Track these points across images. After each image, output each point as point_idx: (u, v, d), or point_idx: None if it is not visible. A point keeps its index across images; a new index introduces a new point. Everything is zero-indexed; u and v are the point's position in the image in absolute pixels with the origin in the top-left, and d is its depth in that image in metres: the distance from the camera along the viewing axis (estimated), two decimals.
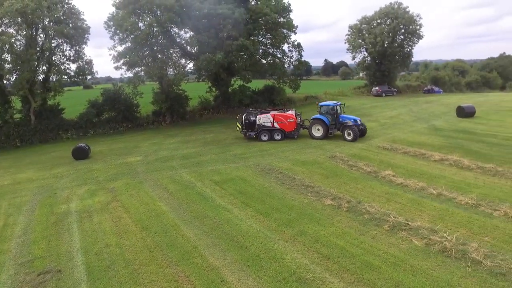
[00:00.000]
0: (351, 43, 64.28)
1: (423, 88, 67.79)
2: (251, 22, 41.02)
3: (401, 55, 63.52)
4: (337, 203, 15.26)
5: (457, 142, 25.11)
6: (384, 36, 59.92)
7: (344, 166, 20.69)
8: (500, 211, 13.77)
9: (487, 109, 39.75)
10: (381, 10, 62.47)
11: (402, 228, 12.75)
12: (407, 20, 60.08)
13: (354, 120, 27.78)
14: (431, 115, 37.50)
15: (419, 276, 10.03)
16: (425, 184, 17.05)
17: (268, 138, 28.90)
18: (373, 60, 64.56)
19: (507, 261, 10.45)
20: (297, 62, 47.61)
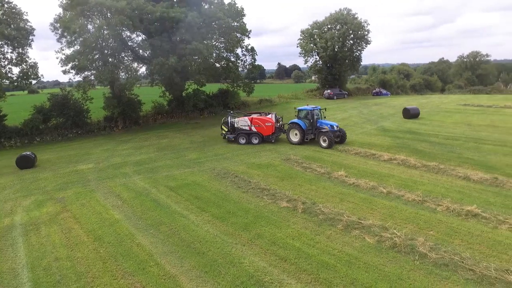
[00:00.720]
0: (303, 47, 65.84)
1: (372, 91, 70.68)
2: (204, 26, 40.87)
3: (351, 59, 65.96)
4: (293, 205, 15.54)
5: (403, 142, 26.44)
6: (334, 40, 61.93)
7: (298, 168, 21.11)
8: (443, 206, 14.68)
9: (430, 110, 42.20)
10: (332, 16, 64.57)
11: (355, 227, 13.22)
12: (356, 25, 62.58)
13: (331, 126, 26.68)
14: (379, 117, 39.18)
15: (372, 272, 10.46)
16: (375, 183, 17.79)
17: (246, 141, 28.49)
18: (324, 64, 66.48)
19: (449, 252, 11.18)
20: (251, 66, 48.11)
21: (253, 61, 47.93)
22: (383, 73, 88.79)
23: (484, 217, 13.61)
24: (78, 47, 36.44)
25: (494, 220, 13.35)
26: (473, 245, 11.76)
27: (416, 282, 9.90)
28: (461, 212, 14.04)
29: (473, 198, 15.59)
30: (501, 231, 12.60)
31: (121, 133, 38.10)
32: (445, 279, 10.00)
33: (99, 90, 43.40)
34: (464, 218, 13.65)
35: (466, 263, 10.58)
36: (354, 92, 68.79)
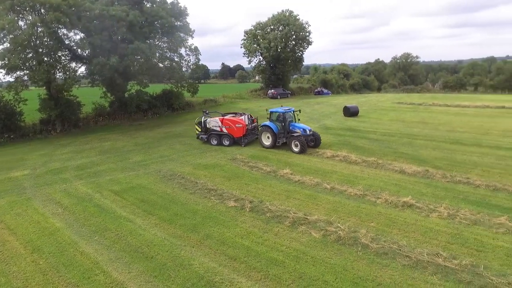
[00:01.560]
0: (247, 47, 66.41)
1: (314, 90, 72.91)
2: (146, 25, 39.84)
3: (293, 59, 67.63)
4: (240, 204, 15.72)
5: (345, 139, 27.66)
6: (277, 41, 63.10)
7: (245, 168, 21.36)
8: (382, 198, 15.64)
9: (368, 108, 44.47)
10: (274, 17, 65.72)
11: (301, 223, 13.68)
12: (298, 27, 64.23)
13: (303, 129, 24.90)
14: (322, 115, 40.60)
15: (319, 266, 10.92)
16: (319, 179, 18.49)
17: (218, 143, 27.40)
18: (268, 64, 67.52)
19: (389, 241, 11.98)
20: (195, 66, 47.68)
21: (197, 61, 47.59)
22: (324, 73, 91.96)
23: (418, 207, 14.71)
24: (8, 45, 33.97)
25: (426, 209, 14.48)
26: (409, 233, 12.68)
27: (359, 272, 10.49)
28: (398, 204, 15.05)
29: (408, 190, 16.75)
30: (432, 219, 13.71)
31: (60, 137, 36.07)
32: (385, 266, 10.71)
33: (34, 91, 40.59)
34: (400, 209, 14.65)
35: (403, 251, 11.40)
36: (297, 92, 70.54)
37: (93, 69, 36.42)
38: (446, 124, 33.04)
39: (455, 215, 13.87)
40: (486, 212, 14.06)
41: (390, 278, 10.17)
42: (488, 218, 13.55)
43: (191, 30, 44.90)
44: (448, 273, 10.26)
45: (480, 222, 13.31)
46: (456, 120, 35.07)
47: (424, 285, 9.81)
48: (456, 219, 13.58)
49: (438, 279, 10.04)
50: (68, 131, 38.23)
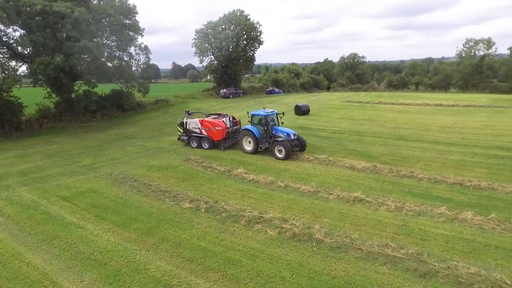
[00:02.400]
0: (198, 47, 65.76)
1: (266, 89, 73.67)
2: (93, 23, 38.19)
3: (245, 59, 67.90)
4: (195, 205, 15.63)
5: None
6: (229, 41, 63.05)
7: (199, 168, 21.23)
8: (334, 194, 16.22)
9: (318, 107, 45.72)
10: (225, 17, 65.57)
11: (257, 221, 13.85)
12: (249, 26, 64.55)
13: (287, 134, 23.15)
14: None
15: (276, 263, 11.13)
16: (274, 178, 18.80)
17: (197, 145, 26.11)
18: (219, 64, 67.26)
19: (341, 235, 12.46)
20: (145, 65, 46.52)
21: (148, 60, 46.42)
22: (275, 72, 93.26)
23: (368, 201, 15.42)
24: None
25: (375, 203, 15.21)
26: (360, 226, 13.27)
27: (315, 267, 10.83)
28: (349, 199, 15.69)
29: (358, 185, 17.48)
30: (381, 212, 14.44)
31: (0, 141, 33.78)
32: (339, 260, 11.14)
33: None
34: (352, 204, 15.28)
35: (355, 244, 11.91)
36: (249, 91, 70.94)
37: (36, 68, 34.32)
38: (391, 121, 34.76)
39: (401, 207, 14.70)
40: (428, 203, 15.03)
41: (344, 270, 10.60)
42: (430, 208, 14.50)
43: (140, 28, 43.71)
44: (396, 262, 10.87)
45: (423, 212, 14.22)
46: (401, 117, 36.98)
47: (375, 275, 10.32)
48: (403, 211, 14.40)
49: (387, 268, 10.61)
50: (9, 135, 35.83)
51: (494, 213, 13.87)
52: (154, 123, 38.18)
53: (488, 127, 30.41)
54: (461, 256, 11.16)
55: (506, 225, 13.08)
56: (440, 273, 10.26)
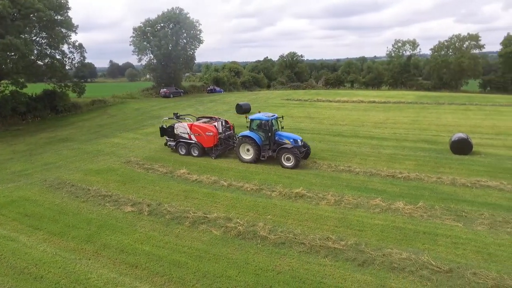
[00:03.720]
0: (137, 45, 63.54)
1: (207, 88, 73.12)
2: (20, 18, 35.41)
3: (185, 58, 66.82)
4: (138, 208, 15.22)
5: None
6: (168, 39, 61.60)
7: (140, 170, 20.66)
8: (276, 191, 16.61)
9: (259, 105, 46.27)
10: (164, 15, 63.94)
11: (201, 222, 13.81)
12: (188, 25, 63.56)
13: (293, 140, 20.99)
14: (216, 113, 40.95)
15: (221, 262, 11.18)
16: (217, 177, 18.81)
17: (186, 152, 23.70)
18: (159, 62, 65.61)
19: (285, 231, 12.81)
20: (80, 63, 44.17)
21: (82, 58, 44.11)
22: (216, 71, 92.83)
23: (309, 196, 15.98)
24: None
25: (316, 198, 15.81)
26: (302, 221, 13.72)
27: (260, 263, 11.04)
28: (291, 195, 16.14)
29: (300, 181, 18.03)
30: (322, 206, 15.04)
31: None
32: (284, 255, 11.45)
33: None
34: (294, 200, 15.74)
35: (298, 238, 12.31)
36: (190, 90, 70.01)
37: None
38: (329, 118, 36.17)
39: (340, 201, 15.42)
40: (365, 196, 15.92)
41: (288, 265, 10.92)
42: (366, 201, 15.37)
43: (73, 25, 41.33)
44: (337, 254, 11.41)
45: (360, 205, 15.04)
46: (338, 114, 38.61)
47: (318, 268, 10.75)
48: (341, 204, 15.12)
49: (329, 260, 11.10)
50: None
51: (422, 201, 15.05)
52: (91, 125, 36.36)
53: (415, 122, 32.73)
54: (394, 244, 11.97)
55: (431, 212, 14.24)
56: (377, 260, 10.94)
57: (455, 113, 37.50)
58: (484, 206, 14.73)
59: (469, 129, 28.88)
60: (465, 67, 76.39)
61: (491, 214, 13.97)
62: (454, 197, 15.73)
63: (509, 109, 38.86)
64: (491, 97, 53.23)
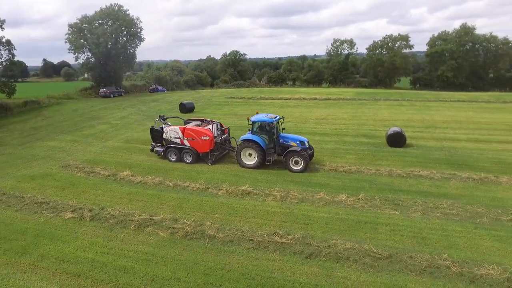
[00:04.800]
0: (73, 42, 60.05)
1: (149, 88, 71.24)
2: None
3: (125, 56, 64.41)
4: (79, 214, 14.51)
5: None
6: (107, 37, 58.88)
7: (80, 174, 19.69)
8: (223, 190, 16.65)
9: (203, 104, 45.97)
10: (102, 11, 61.02)
11: (147, 224, 13.47)
12: (128, 22, 61.19)
13: (300, 142, 20.02)
14: (159, 113, 39.90)
15: (170, 264, 11.00)
16: (162, 178, 18.43)
17: (177, 159, 21.57)
18: (97, 61, 62.59)
19: (233, 229, 12.89)
20: (8, 62, 41.06)
21: (11, 56, 41.05)
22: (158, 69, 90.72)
23: (255, 193, 16.19)
24: None
25: (262, 194, 16.06)
26: (250, 218, 13.89)
27: (209, 263, 11.01)
28: (238, 193, 16.26)
29: (246, 178, 18.19)
30: (268, 202, 15.32)
31: None
32: (232, 253, 11.51)
33: None
34: (240, 197, 15.87)
35: (246, 235, 12.44)
36: (131, 90, 67.70)
37: None
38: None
39: (286, 196, 15.80)
40: (309, 190, 16.43)
41: (238, 263, 11.00)
42: (311, 195, 15.88)
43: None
44: (285, 248, 11.68)
45: (305, 199, 15.51)
46: (281, 111, 39.25)
47: (267, 263, 10.94)
48: (287, 199, 15.49)
49: (277, 255, 11.35)
50: None
51: (363, 193, 15.84)
52: (24, 128, 33.86)
53: (354, 118, 34.25)
54: (339, 235, 12.50)
55: (372, 202, 15.05)
56: (323, 252, 11.36)
57: (390, 108, 39.75)
58: (417, 194, 15.83)
59: (403, 123, 30.75)
60: (397, 66, 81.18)
61: (424, 201, 15.05)
62: (391, 187, 16.74)
63: (436, 104, 41.92)
64: (421, 93, 57.08)
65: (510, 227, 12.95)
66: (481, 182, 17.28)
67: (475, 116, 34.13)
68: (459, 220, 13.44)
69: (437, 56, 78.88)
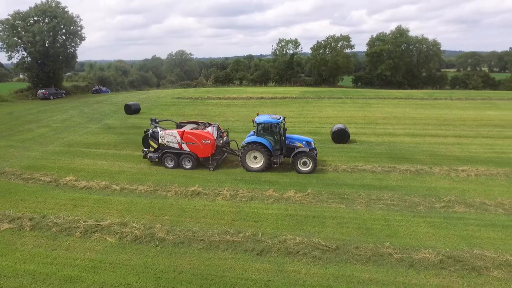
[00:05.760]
0: (4, 40, 55.88)
1: (92, 89, 68.41)
2: None
3: (65, 56, 61.14)
4: (18, 224, 13.65)
5: (129, 138, 27.34)
6: (44, 35, 55.47)
7: (18, 181, 18.50)
8: (172, 191, 16.51)
9: (149, 104, 44.95)
10: (38, 7, 57.24)
11: (94, 230, 13.01)
12: (67, 20, 58.00)
13: (306, 142, 19.81)
14: (102, 115, 38.69)
15: (119, 270, 10.72)
16: (108, 182, 17.84)
17: (175, 164, 20.29)
18: (34, 61, 58.76)
19: (183, 230, 12.83)
20: None
21: None
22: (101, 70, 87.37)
23: (205, 193, 16.21)
24: None
25: (212, 194, 16.13)
26: (200, 219, 13.89)
27: (160, 266, 10.88)
28: (187, 193, 16.19)
29: (195, 179, 18.12)
30: (218, 201, 15.42)
31: None
32: (184, 254, 11.46)
33: None
34: (190, 198, 15.81)
35: (197, 236, 12.44)
36: (73, 91, 64.55)
37: None
38: (220, 115, 36.78)
39: (235, 195, 15.97)
40: (259, 188, 16.72)
41: (189, 264, 10.97)
42: (260, 192, 16.19)
43: None
44: (236, 246, 11.82)
45: (255, 197, 15.78)
46: (228, 111, 39.47)
47: (219, 262, 11.02)
48: (237, 198, 15.67)
49: (229, 253, 11.46)
50: None
51: (310, 188, 16.42)
52: None
53: (300, 116, 35.20)
54: (288, 230, 12.86)
55: (319, 197, 15.63)
56: (273, 248, 11.65)
57: (334, 106, 41.28)
58: (361, 188, 16.67)
59: (346, 120, 32.10)
60: (340, 65, 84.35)
61: (367, 194, 15.90)
62: (337, 182, 17.48)
63: (376, 102, 44.15)
64: (362, 91, 59.83)
65: (443, 213, 14.08)
66: (417, 174, 18.55)
67: (411, 112, 36.43)
68: (399, 210, 14.36)
69: (376, 56, 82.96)
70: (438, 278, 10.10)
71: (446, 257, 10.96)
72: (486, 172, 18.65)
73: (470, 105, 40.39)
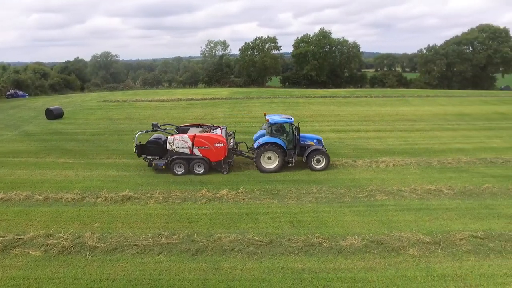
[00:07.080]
0: None
1: (6, 93, 63.00)
2: None
3: None
4: None
5: (52, 144, 25.72)
6: None
7: None
8: (101, 197, 15.92)
9: (73, 109, 42.48)
10: None
11: (15, 245, 12.08)
12: None
13: (317, 140, 20.33)
14: (20, 121, 35.83)
15: (46, 285, 10.08)
16: (29, 192, 16.63)
17: (185, 170, 19.05)
18: None
19: (115, 237, 12.46)
20: None
21: None
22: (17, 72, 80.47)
23: (137, 197, 15.89)
24: None
25: (144, 198, 15.85)
26: (132, 223, 13.58)
27: (92, 275, 10.45)
28: (118, 199, 15.73)
29: (125, 184, 17.62)
30: (150, 205, 15.20)
31: None
32: (117, 261, 11.13)
33: None
34: (121, 203, 15.38)
35: (130, 241, 12.15)
36: None
37: None
38: (150, 117, 35.81)
39: (168, 197, 15.87)
40: (191, 189, 16.75)
41: (123, 270, 10.69)
42: (193, 193, 16.23)
43: None
44: (171, 248, 11.76)
45: (188, 198, 15.80)
46: (157, 113, 38.60)
47: (154, 266, 10.88)
48: (170, 200, 15.59)
49: (164, 256, 11.36)
50: None
51: (242, 187, 16.81)
52: None
53: (231, 116, 35.62)
54: (223, 228, 13.07)
55: (251, 194, 16.09)
56: (209, 247, 11.78)
57: (263, 106, 42.19)
58: (291, 183, 17.42)
59: None
60: (268, 66, 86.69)
61: (297, 188, 16.67)
62: (268, 179, 18.08)
63: (303, 101, 45.93)
64: (290, 91, 61.87)
65: (366, 202, 15.26)
66: (342, 167, 19.82)
67: (335, 109, 38.53)
68: (327, 202, 15.26)
69: (301, 57, 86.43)
70: (363, 261, 10.95)
71: (369, 242, 11.92)
72: (401, 162, 20.49)
73: (386, 102, 43.64)
